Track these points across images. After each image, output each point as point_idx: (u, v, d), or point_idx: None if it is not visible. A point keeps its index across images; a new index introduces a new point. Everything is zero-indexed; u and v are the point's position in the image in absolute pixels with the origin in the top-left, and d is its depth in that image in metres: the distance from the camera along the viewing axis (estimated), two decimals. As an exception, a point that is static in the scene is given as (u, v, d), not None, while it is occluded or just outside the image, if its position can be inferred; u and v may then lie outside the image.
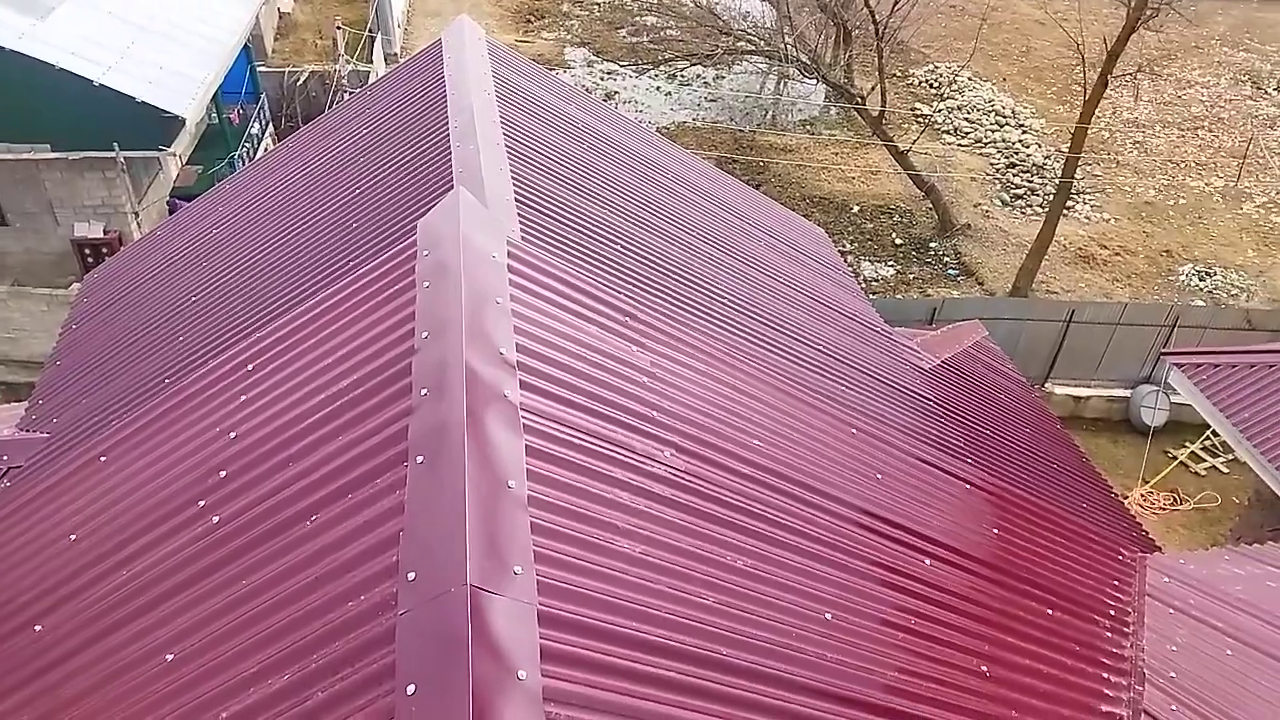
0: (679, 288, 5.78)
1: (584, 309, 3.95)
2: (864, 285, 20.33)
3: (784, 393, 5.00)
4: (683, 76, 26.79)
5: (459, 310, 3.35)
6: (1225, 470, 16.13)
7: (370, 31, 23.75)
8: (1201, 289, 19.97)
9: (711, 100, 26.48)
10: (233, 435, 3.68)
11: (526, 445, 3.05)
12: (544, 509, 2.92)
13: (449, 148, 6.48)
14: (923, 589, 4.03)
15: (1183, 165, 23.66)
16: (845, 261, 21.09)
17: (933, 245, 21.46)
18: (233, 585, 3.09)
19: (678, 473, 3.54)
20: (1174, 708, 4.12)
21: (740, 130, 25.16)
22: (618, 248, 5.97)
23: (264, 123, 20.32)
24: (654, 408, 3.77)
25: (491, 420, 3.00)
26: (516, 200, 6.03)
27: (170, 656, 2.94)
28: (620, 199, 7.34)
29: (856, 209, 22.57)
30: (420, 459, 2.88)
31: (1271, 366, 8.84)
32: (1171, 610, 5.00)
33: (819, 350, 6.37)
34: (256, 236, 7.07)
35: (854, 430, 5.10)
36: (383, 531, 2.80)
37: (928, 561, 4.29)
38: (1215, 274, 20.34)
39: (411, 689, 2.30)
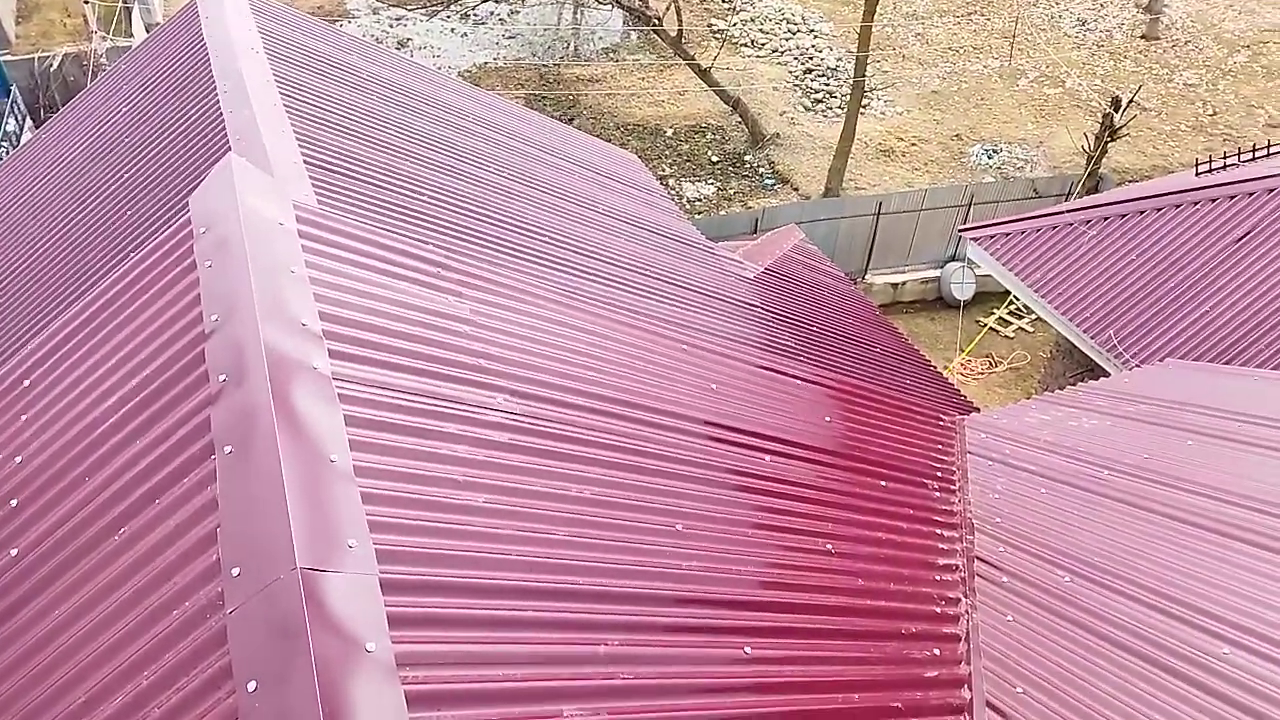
0: (494, 231, 5.65)
1: (391, 266, 3.79)
2: (688, 206, 20.66)
3: (613, 321, 5.02)
4: (476, 15, 25.88)
5: (248, 286, 3.13)
6: (1030, 330, 17.64)
7: (125, 2, 21.53)
8: (991, 166, 21.45)
9: (510, 37, 25.78)
10: (18, 460, 3.34)
11: (346, 415, 2.92)
12: (374, 477, 2.82)
13: (221, 116, 6.01)
14: (765, 484, 4.20)
15: (961, 51, 25.09)
16: (666, 184, 21.32)
17: (747, 158, 21.98)
18: (45, 617, 2.84)
19: (514, 417, 3.50)
20: (1001, 549, 4.51)
21: (544, 66, 24.68)
22: (424, 198, 5.75)
23: (19, 117, 18.20)
24: (481, 356, 3.69)
25: (301, 396, 2.85)
26: (306, 162, 5.69)
27: (-16, 708, 2.68)
28: (422, 148, 7.06)
29: (670, 131, 22.74)
30: (228, 449, 2.71)
31: (1055, 228, 9.66)
32: (990, 462, 5.45)
33: (643, 274, 6.42)
34: (18, 240, 6.37)
35: (685, 347, 5.20)
36: (199, 531, 2.62)
37: (767, 458, 4.47)
38: (1001, 150, 21.87)
39: (252, 686, 2.19)
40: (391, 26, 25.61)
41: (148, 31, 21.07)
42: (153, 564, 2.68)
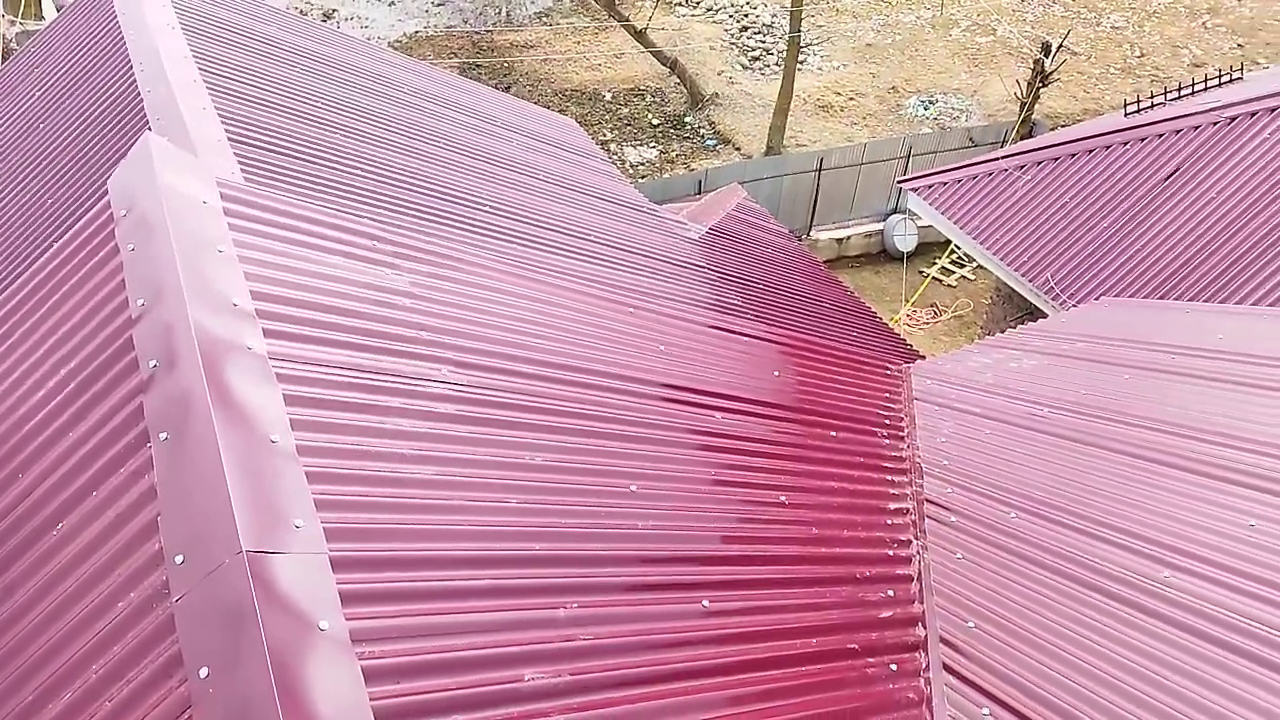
0: (431, 202, 5.56)
1: (323, 240, 3.71)
2: (631, 170, 20.53)
3: (558, 287, 4.98)
4: (404, -17, 25.24)
5: (174, 268, 3.04)
6: (972, 277, 17.95)
7: (31, -19, 20.55)
8: (927, 117, 21.65)
9: (439, 4, 25.21)
10: (-55, 461, 3.22)
11: (285, 394, 2.86)
12: (318, 455, 2.77)
13: (139, 95, 5.79)
14: (718, 441, 4.23)
15: (893, 3, 25.17)
16: (607, 149, 21.15)
17: (688, 120, 21.88)
18: (-15, 621, 2.76)
19: (459, 387, 3.47)
20: (949, 490, 4.61)
21: (476, 33, 24.21)
22: (356, 172, 5.62)
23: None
24: (421, 328, 3.64)
25: (236, 377, 2.78)
26: (230, 139, 5.52)
27: (-75, 716, 2.60)
28: (353, 121, 6.89)
29: (609, 96, 22.52)
30: (164, 436, 2.64)
31: (990, 175, 9.80)
32: (936, 407, 5.55)
33: (587, 240, 6.38)
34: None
35: (632, 310, 5.19)
36: (139, 521, 2.56)
37: (719, 416, 4.50)
38: (937, 101, 22.08)
39: (204, 672, 2.16)
40: (316, -2, 24.88)
41: (60, 11, 20.15)
42: (94, 557, 2.62)
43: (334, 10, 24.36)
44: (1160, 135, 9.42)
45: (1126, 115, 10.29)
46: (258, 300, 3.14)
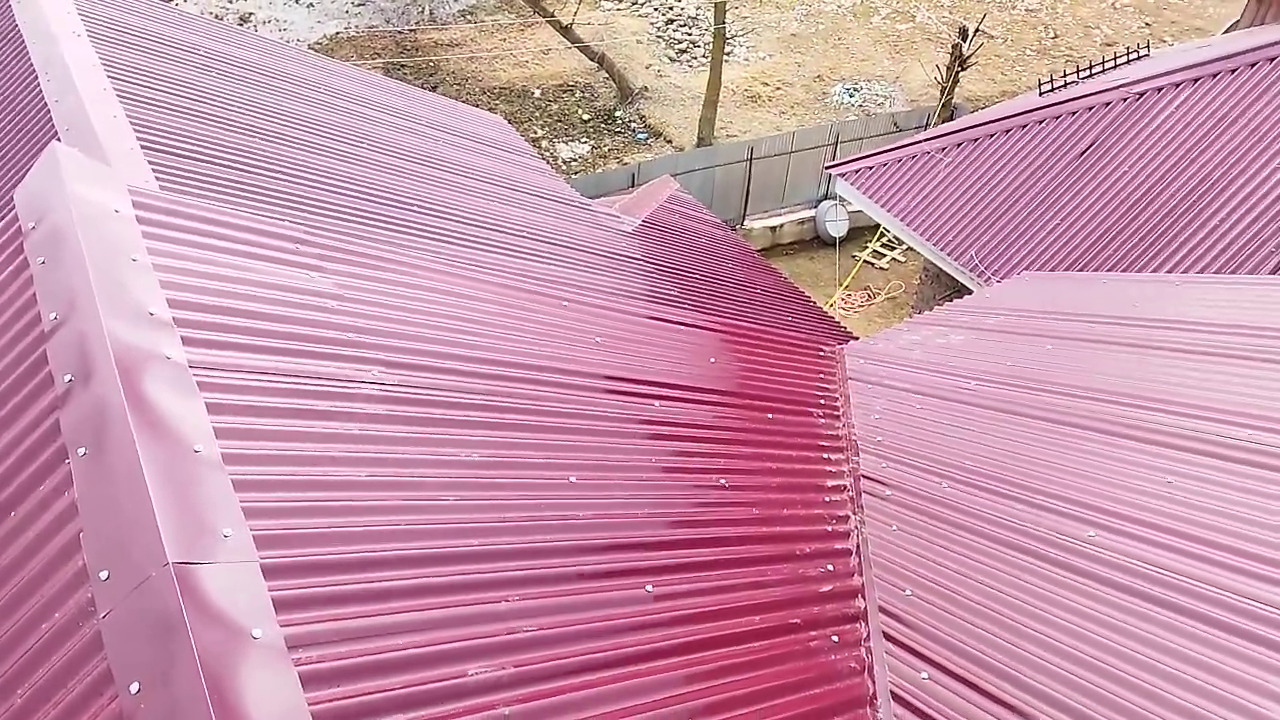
0: (356, 203, 5.48)
1: (243, 245, 3.63)
2: (564, 166, 20.47)
3: (489, 284, 4.95)
4: (322, -16, 24.75)
5: (86, 279, 2.95)
6: (903, 260, 18.33)
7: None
8: (853, 104, 22.01)
9: (360, 4, 24.78)
10: None
11: (208, 403, 2.81)
12: (245, 463, 2.72)
13: (45, 106, 5.59)
14: (656, 429, 4.27)
15: (816, -7, 25.48)
16: (539, 146, 21.03)
17: (618, 114, 21.89)
18: (-99, 655, 2.65)
19: (391, 388, 3.44)
20: (884, 465, 4.72)
21: (399, 32, 23.86)
22: (277, 175, 5.51)
23: None
24: (349, 330, 3.59)
25: (156, 388, 2.72)
26: (145, 147, 5.37)
27: None
28: (273, 124, 6.75)
29: (538, 92, 22.41)
30: (82, 451, 2.57)
31: (914, 158, 10.01)
32: (869, 385, 5.67)
33: (519, 236, 6.35)
34: None
35: (565, 303, 5.19)
36: (61, 539, 2.49)
37: (657, 404, 4.53)
38: (861, 88, 22.46)
39: (135, 688, 2.11)
40: (232, 1, 24.25)
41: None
42: (15, 579, 2.53)
43: (251, 14, 23.78)
44: (1074, 113, 9.74)
45: (1041, 95, 10.61)
46: (175, 308, 3.07)
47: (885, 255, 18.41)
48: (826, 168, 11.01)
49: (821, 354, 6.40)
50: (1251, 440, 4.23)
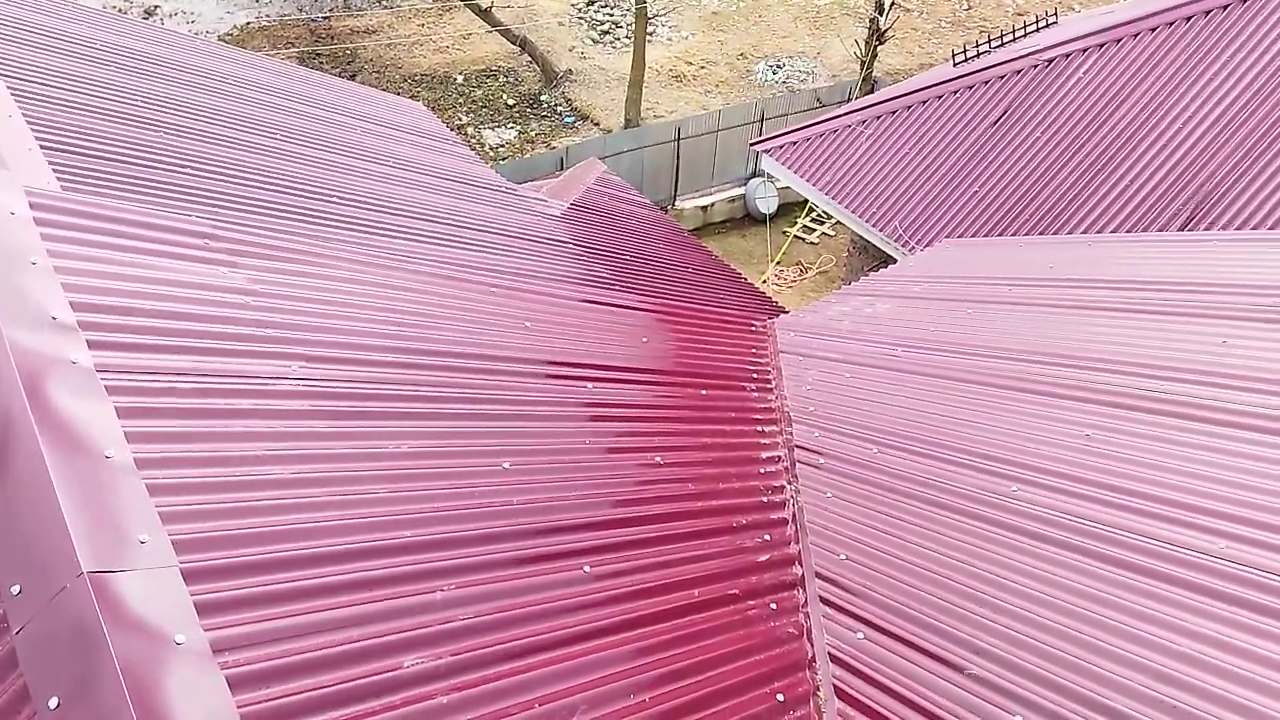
0: (271, 196, 5.33)
1: (149, 243, 3.51)
2: (491, 153, 20.22)
3: (413, 273, 4.88)
4: (228, -27, 23.91)
5: (-20, 285, 2.82)
6: (832, 233, 18.58)
7: None
8: (776, 81, 22.17)
9: (270, -7, 24.01)
10: None
11: (118, 407, 2.71)
12: (161, 467, 2.64)
13: (-70, 106, 5.30)
14: (590, 410, 4.26)
15: (736, -29, 25.53)
16: (464, 133, 20.72)
17: (544, 98, 21.69)
18: None
19: (313, 383, 3.36)
20: (817, 434, 4.80)
21: (314, 20, 23.24)
22: (186, 170, 5.33)
23: None
24: (266, 325, 3.50)
25: (61, 394, 2.61)
26: (45, 147, 5.14)
27: None
28: (181, 119, 6.52)
29: (461, 78, 22.07)
30: (-16, 463, 2.46)
31: (836, 131, 10.14)
32: (801, 357, 5.75)
33: (442, 224, 6.26)
34: None
35: (493, 290, 5.14)
36: (-35, 557, 2.38)
37: (590, 386, 4.52)
38: (784, 65, 22.63)
39: (54, 703, 2.04)
40: (134, -7, 23.32)
41: None
42: (-82, 603, 2.42)
43: (156, 6, 22.90)
44: (987, 82, 9.96)
45: (956, 65, 10.82)
46: (80, 311, 2.95)
47: (815, 230, 18.63)
48: (752, 144, 11.09)
49: (753, 329, 6.46)
50: (1164, 391, 4.41)
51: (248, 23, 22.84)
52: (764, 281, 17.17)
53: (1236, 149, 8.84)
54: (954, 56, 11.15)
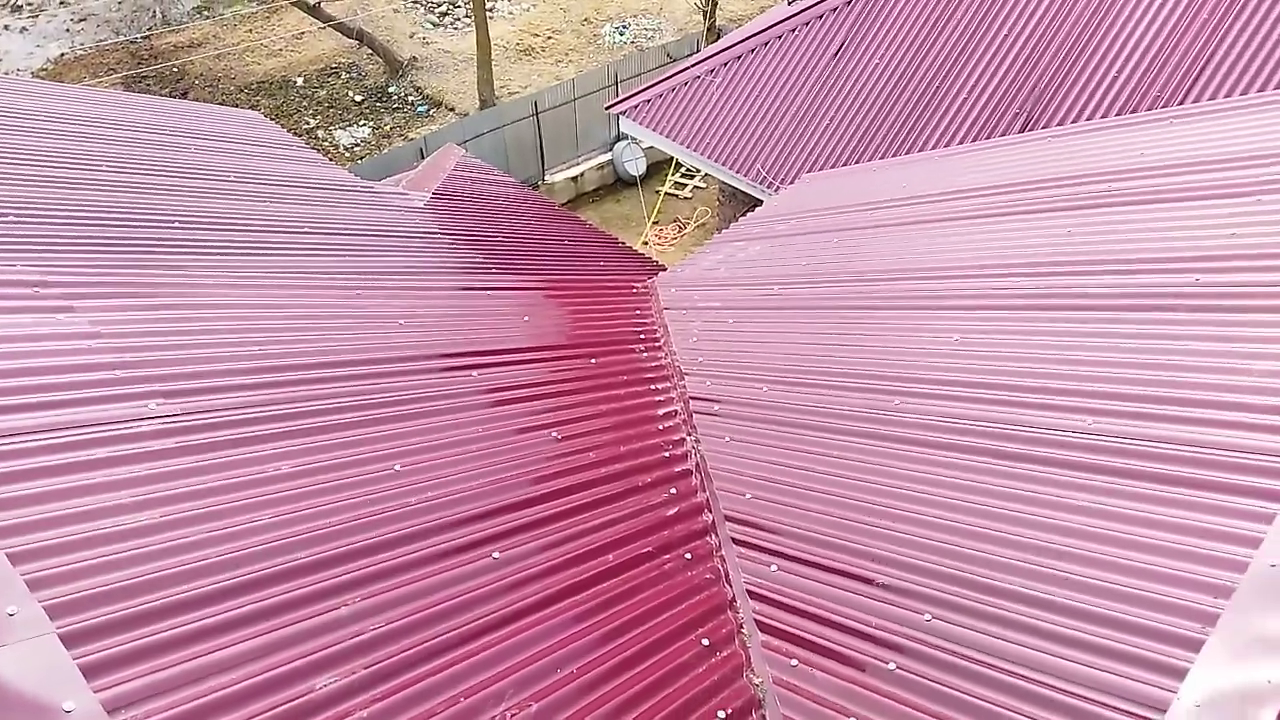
0: (103, 231, 5.02)
1: (-31, 302, 3.26)
2: (346, 153, 19.56)
3: (270, 288, 4.69)
4: (30, 4, 22.26)
5: None
6: (704, 185, 18.76)
7: None
8: (624, 41, 22.12)
9: (80, 21, 22.49)
10: None
11: (-41, 480, 2.52)
12: (19, 533, 2.48)
13: None
14: (478, 398, 4.21)
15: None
16: (315, 136, 19.95)
17: (392, 90, 21.07)
18: None
19: (174, 418, 3.20)
20: (708, 383, 4.87)
21: (134, 42, 21.88)
22: (4, 220, 4.96)
23: None
24: (116, 366, 3.31)
25: (-112, 476, 2.41)
26: None
27: None
28: (-9, 166, 6.04)
29: (301, 80, 21.21)
30: None
31: (685, 84, 10.19)
32: (684, 311, 5.80)
33: (296, 233, 6.03)
34: None
35: (359, 292, 4.99)
36: None
37: (475, 374, 4.46)
38: (630, 25, 22.58)
39: (-66, 803, 1.91)
40: (-76, 37, 21.46)
41: None
42: None
43: (-48, 48, 21.13)
44: (821, 16, 10.16)
45: (790, 4, 10.99)
46: (-103, 386, 2.72)
47: (686, 185, 18.77)
48: (607, 108, 11.04)
49: (634, 290, 6.48)
50: (1019, 287, 4.63)
51: (62, 54, 21.33)
52: (644, 244, 17.23)
53: (1060, 47, 9.29)
54: (789, -5, 11.31)
